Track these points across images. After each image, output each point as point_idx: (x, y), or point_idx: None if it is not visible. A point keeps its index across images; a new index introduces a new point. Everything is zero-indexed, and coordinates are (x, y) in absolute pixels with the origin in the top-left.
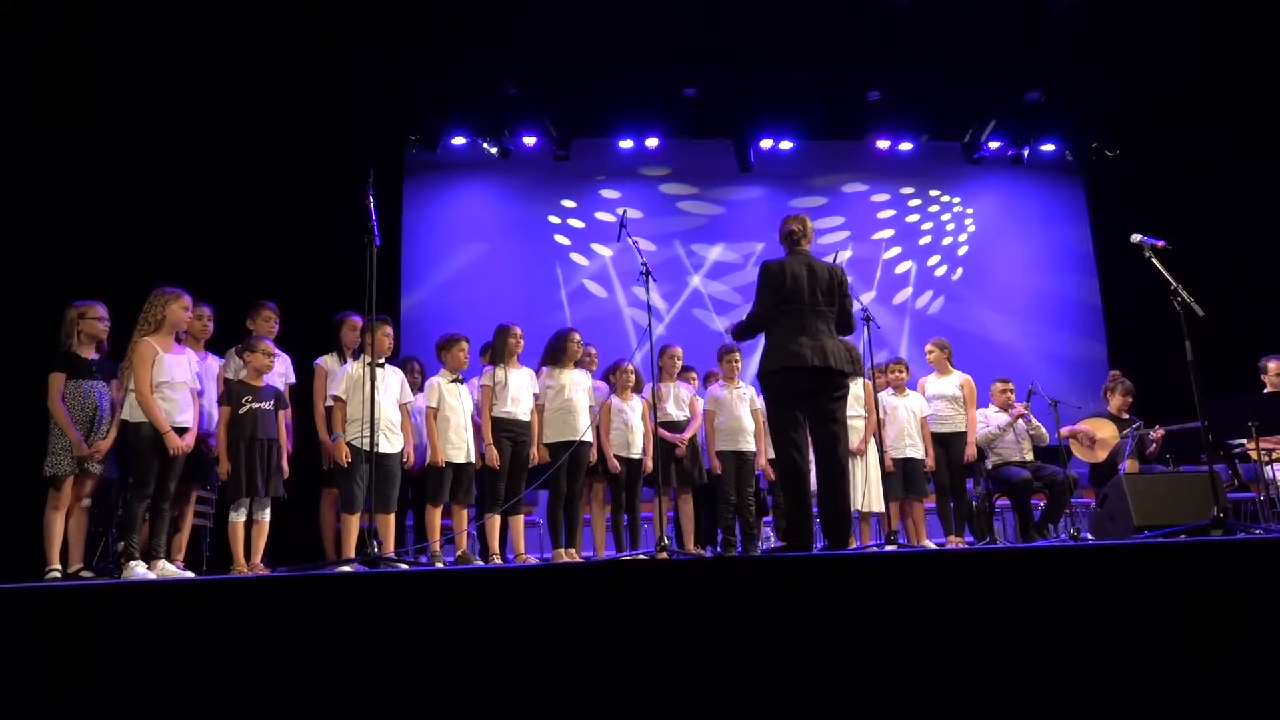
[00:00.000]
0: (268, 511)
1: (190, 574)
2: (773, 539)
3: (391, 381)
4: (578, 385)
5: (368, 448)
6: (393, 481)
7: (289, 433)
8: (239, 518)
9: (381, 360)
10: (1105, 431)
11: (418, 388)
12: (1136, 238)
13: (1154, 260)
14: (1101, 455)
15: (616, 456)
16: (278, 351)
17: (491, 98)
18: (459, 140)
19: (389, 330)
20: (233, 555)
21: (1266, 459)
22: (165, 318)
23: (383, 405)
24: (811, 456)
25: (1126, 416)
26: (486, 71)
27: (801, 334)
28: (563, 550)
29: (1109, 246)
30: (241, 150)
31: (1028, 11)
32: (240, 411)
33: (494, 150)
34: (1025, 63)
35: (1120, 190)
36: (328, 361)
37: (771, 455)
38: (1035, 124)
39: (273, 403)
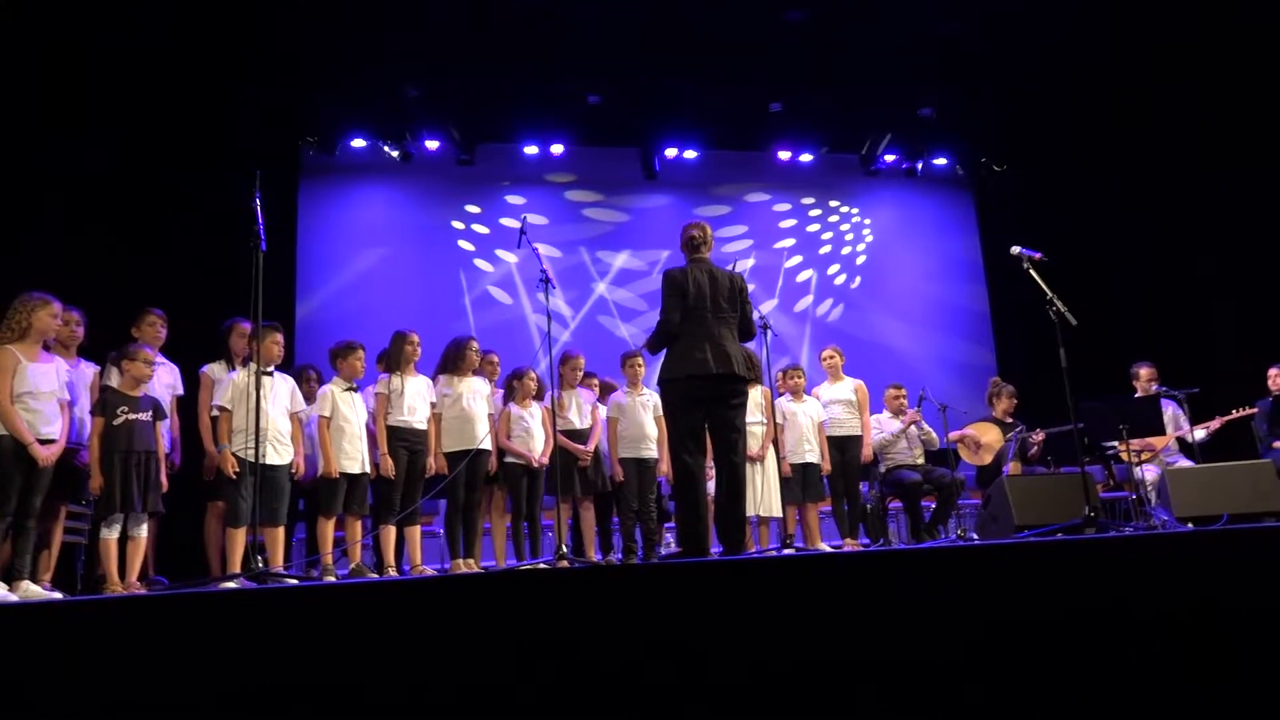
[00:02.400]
0: (144, 527)
1: (57, 594)
2: (673, 545)
3: (281, 390)
4: (476, 393)
5: (253, 459)
6: (281, 494)
7: (175, 445)
8: (111, 534)
9: (269, 368)
10: (990, 435)
11: (314, 397)
12: (1015, 250)
13: (1031, 271)
14: (987, 458)
15: (515, 464)
16: (165, 361)
17: (392, 100)
18: (359, 143)
19: (279, 338)
20: (106, 574)
21: (1137, 460)
22: (31, 325)
23: (271, 415)
24: (709, 462)
25: (1010, 420)
26: (387, 74)
27: (705, 340)
28: (461, 561)
29: (996, 257)
30: (126, 149)
31: (920, 30)
32: (115, 422)
33: (395, 154)
34: (918, 80)
35: (1007, 203)
36: (215, 370)
37: None
38: (928, 138)
39: (151, 413)
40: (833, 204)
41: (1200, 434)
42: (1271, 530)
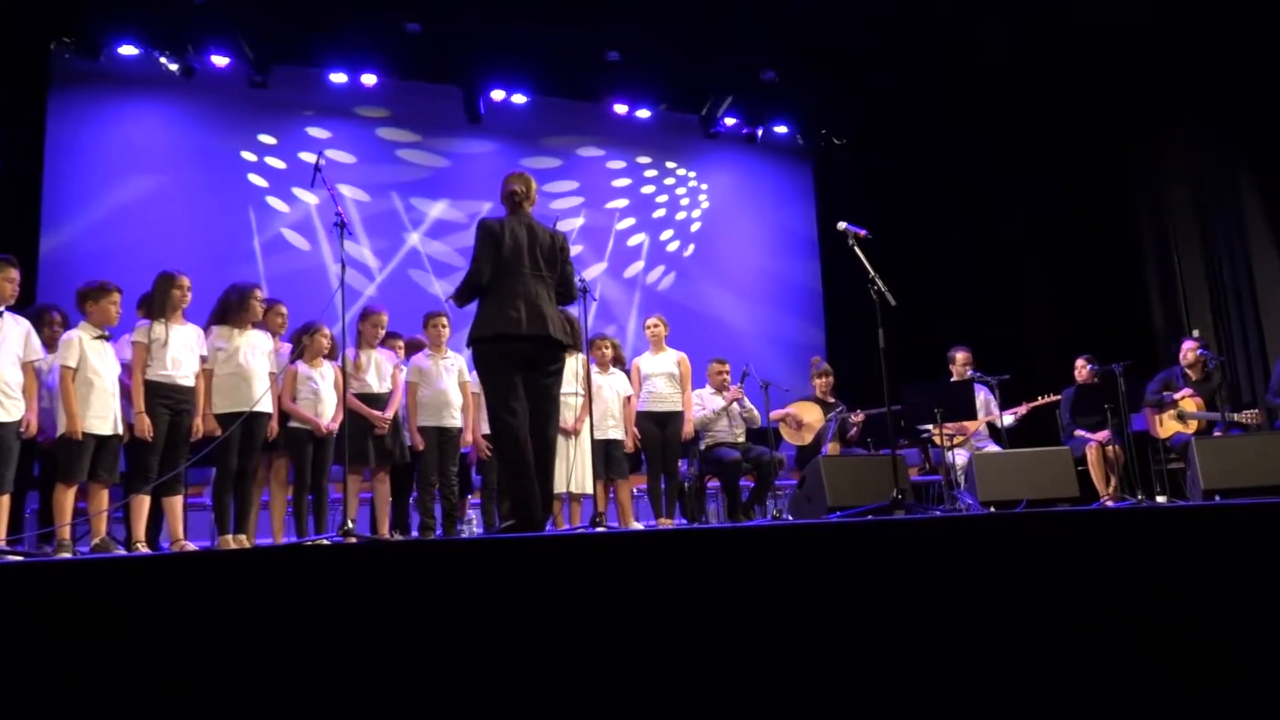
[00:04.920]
0: None
1: None
2: (475, 522)
3: (11, 335)
4: (256, 348)
5: None
6: (7, 456)
7: None
8: None
9: None
10: (811, 415)
11: (55, 343)
12: (842, 225)
13: (856, 248)
14: (808, 438)
15: (300, 430)
16: None
17: (172, 3)
18: (129, 50)
19: (13, 274)
20: None
21: (949, 444)
22: None
23: None
24: None
25: (831, 400)
26: None
27: (519, 298)
28: (230, 537)
29: (831, 233)
30: None
31: None
32: None
33: (174, 67)
34: (762, 42)
35: (844, 178)
36: None
37: (485, 430)
38: (770, 104)
39: None
40: (669, 165)
41: (1008, 419)
42: (1062, 515)
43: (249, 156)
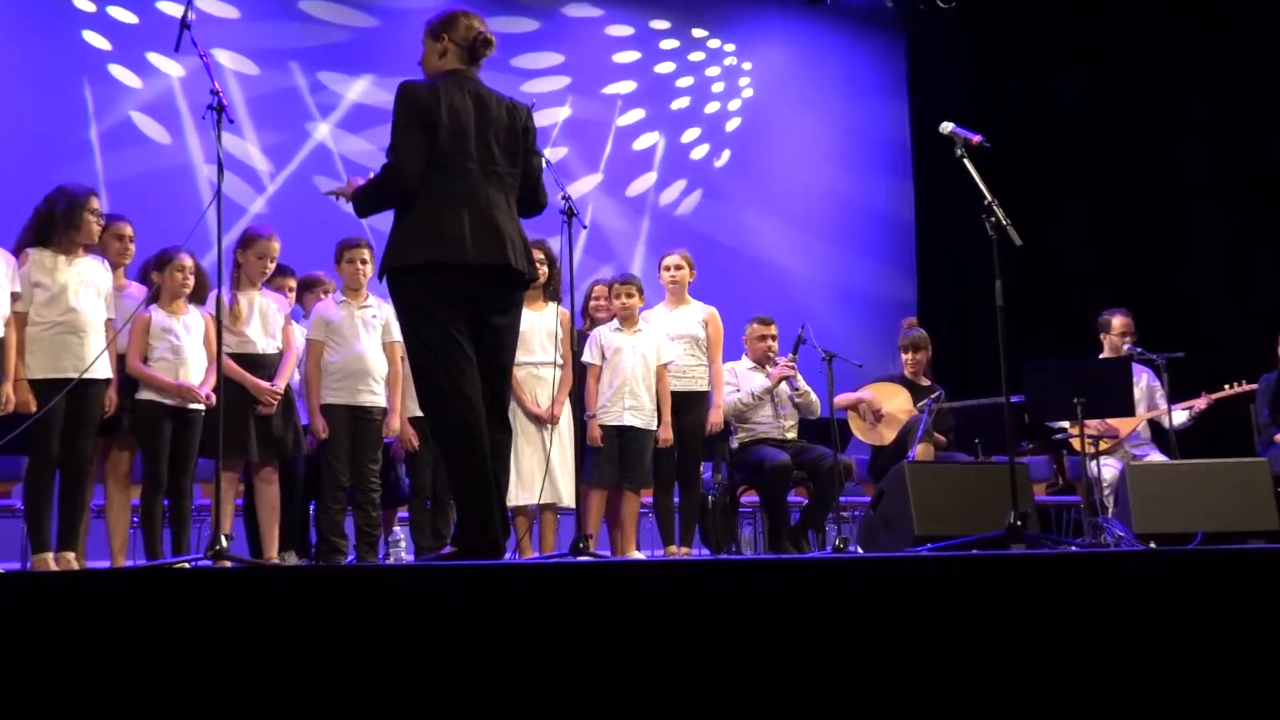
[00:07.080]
0: None
1: None
2: (404, 542)
3: None
4: (90, 285)
5: None
6: None
7: None
8: None
9: None
10: (895, 402)
11: None
12: (948, 127)
13: (966, 162)
14: (890, 435)
15: (156, 405)
16: None
17: None
18: None
19: None
20: None
21: (1093, 450)
22: None
23: None
24: None
25: (926, 383)
26: None
27: (464, 207)
28: (50, 555)
29: (932, 138)
30: None
31: None
32: None
33: None
34: None
35: (952, 60)
36: None
37: (416, 412)
38: None
39: None
40: (697, 35)
41: (1180, 417)
42: (1256, 556)
43: (85, 6)
